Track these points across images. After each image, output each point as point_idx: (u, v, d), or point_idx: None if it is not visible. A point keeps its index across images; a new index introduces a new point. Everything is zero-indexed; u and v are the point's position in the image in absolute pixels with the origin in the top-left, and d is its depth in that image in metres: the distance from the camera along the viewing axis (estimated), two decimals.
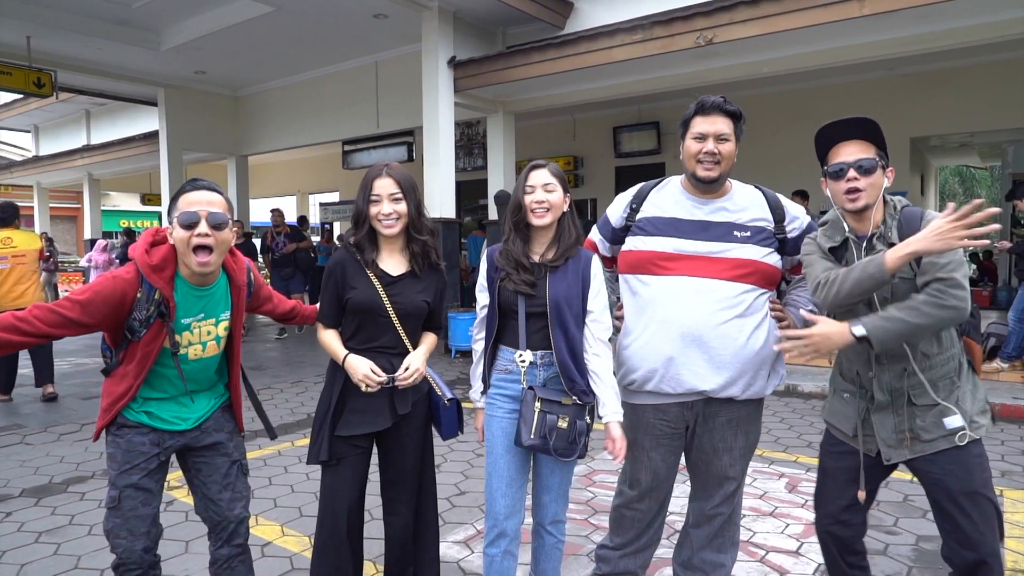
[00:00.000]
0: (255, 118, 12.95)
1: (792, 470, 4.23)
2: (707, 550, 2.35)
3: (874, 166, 2.01)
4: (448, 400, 2.38)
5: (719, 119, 2.19)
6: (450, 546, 3.21)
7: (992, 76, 9.13)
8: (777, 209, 2.27)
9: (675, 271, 2.19)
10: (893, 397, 2.04)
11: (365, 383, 2.18)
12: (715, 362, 2.15)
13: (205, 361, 2.16)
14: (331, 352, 2.29)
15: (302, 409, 5.93)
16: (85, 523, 3.54)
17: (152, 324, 2.01)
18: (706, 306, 2.15)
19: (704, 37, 6.72)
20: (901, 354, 2.01)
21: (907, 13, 5.92)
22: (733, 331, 2.14)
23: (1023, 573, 2.91)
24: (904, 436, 2.03)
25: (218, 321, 2.16)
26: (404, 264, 2.32)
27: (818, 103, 10.26)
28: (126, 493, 2.06)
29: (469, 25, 8.80)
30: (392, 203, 2.23)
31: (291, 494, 3.93)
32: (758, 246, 2.20)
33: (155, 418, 2.11)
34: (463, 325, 8.30)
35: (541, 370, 2.22)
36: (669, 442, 2.30)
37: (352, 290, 2.25)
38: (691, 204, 2.26)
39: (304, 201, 19.43)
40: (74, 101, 14.89)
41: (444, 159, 8.48)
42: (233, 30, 9.14)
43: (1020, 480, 4.01)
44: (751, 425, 2.29)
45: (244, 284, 2.21)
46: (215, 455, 2.21)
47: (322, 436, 2.27)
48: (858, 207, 2.02)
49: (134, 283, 1.98)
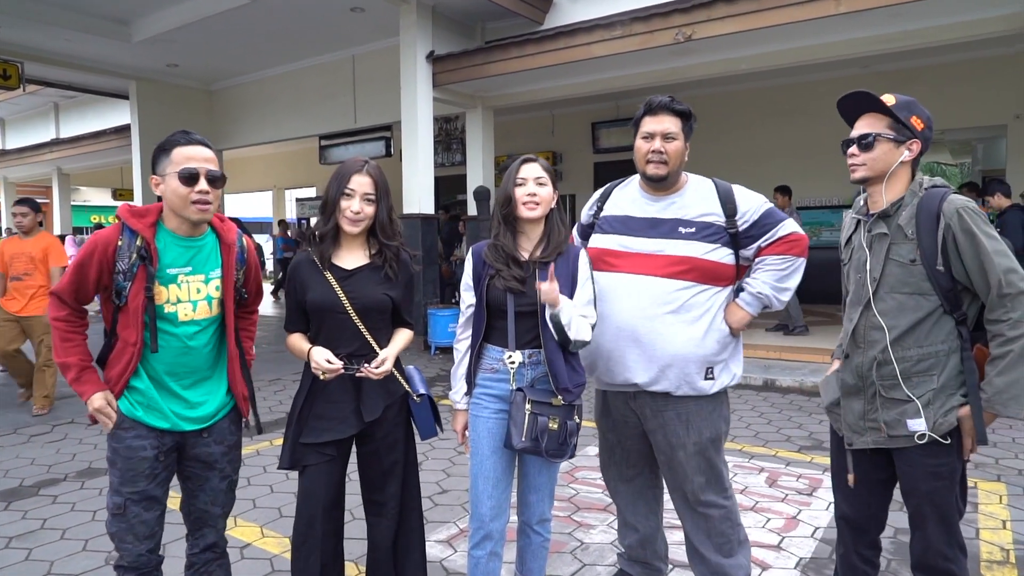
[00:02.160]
0: (230, 112, 12.76)
1: (772, 464, 4.27)
2: (716, 554, 2.33)
3: (872, 141, 1.99)
4: (418, 396, 2.31)
5: (666, 118, 2.25)
6: (432, 545, 3.18)
7: (962, 74, 9.30)
8: (728, 203, 2.28)
9: (619, 268, 2.29)
10: (863, 383, 2.03)
11: (320, 371, 2.11)
12: (646, 357, 2.23)
13: (199, 329, 2.06)
14: (297, 352, 2.24)
15: (280, 408, 5.86)
16: (58, 527, 3.46)
17: (136, 275, 1.96)
18: (640, 302, 2.23)
19: (683, 33, 6.75)
20: (878, 339, 1.98)
21: (881, 12, 6.02)
22: (663, 327, 2.21)
23: (998, 564, 2.96)
24: (871, 424, 2.02)
25: (208, 279, 2.09)
26: (362, 258, 2.26)
27: (794, 99, 10.38)
28: (132, 500, 2.01)
29: (448, 19, 8.75)
30: (363, 202, 2.18)
31: (270, 495, 3.88)
32: (701, 242, 2.24)
33: (153, 412, 2.01)
34: (443, 321, 8.27)
35: (529, 370, 2.19)
36: (623, 428, 2.44)
37: (308, 291, 2.20)
38: (645, 201, 2.34)
39: (280, 196, 19.19)
40: (42, 93, 14.54)
41: (422, 154, 8.42)
42: (207, 22, 8.98)
43: (992, 472, 4.09)
44: (703, 421, 2.30)
45: (234, 244, 2.15)
46: (209, 471, 2.14)
47: (289, 443, 2.23)
48: (854, 177, 2.06)
49: (115, 232, 1.99)
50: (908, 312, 1.96)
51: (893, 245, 1.99)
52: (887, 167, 2.00)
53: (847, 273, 2.15)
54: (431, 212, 8.63)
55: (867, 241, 2.05)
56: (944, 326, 1.96)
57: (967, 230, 1.89)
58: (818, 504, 3.62)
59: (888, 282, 1.99)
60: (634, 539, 2.59)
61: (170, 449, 2.07)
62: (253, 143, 13.11)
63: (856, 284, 2.08)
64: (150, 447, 2.02)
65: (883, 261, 2.00)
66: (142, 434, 2.02)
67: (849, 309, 2.11)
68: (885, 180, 2.01)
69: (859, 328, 2.04)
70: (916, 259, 1.94)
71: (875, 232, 2.03)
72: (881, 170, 2.01)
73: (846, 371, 2.08)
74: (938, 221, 1.92)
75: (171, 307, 2.03)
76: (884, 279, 1.99)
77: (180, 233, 2.05)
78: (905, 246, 1.97)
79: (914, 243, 1.95)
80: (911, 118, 2.00)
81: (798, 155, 10.38)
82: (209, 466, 2.13)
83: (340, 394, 2.21)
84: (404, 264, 2.31)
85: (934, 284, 1.93)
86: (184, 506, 2.19)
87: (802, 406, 5.75)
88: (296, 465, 2.21)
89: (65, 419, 5.54)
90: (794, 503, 3.65)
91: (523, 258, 2.21)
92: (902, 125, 1.99)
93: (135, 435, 2.01)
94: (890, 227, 2.00)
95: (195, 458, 2.12)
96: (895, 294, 1.98)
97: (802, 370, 6.59)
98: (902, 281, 1.97)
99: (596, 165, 12.57)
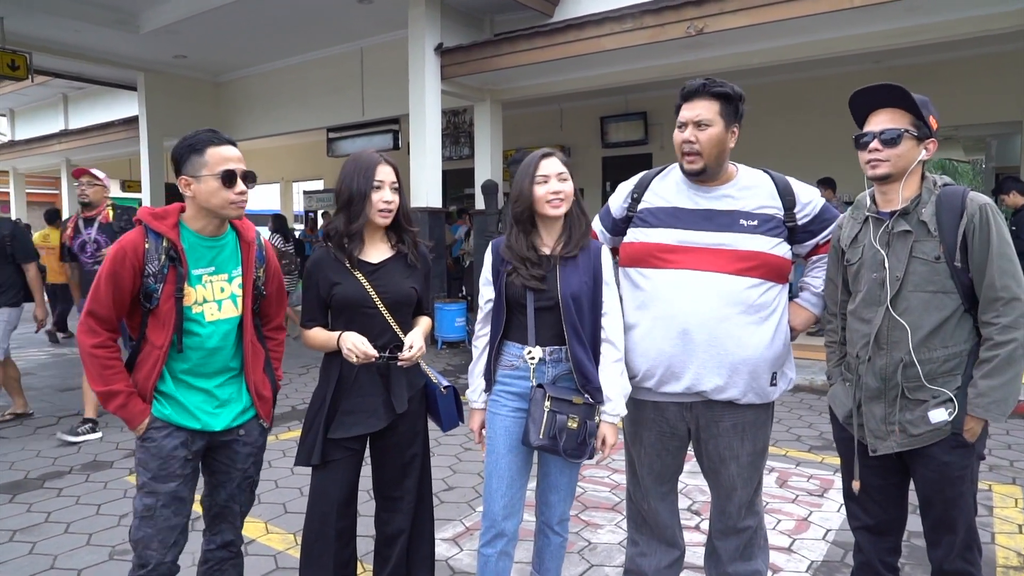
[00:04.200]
0: (237, 104, 12.72)
1: (782, 464, 4.22)
2: (738, 562, 2.24)
3: (897, 137, 1.94)
4: (444, 388, 2.31)
5: (700, 104, 2.05)
6: (438, 543, 3.15)
7: (977, 70, 9.17)
8: (787, 195, 2.13)
9: (677, 264, 2.07)
10: (886, 386, 1.99)
11: (355, 354, 2.08)
12: (715, 362, 2.03)
13: (223, 327, 2.05)
14: (322, 343, 2.20)
15: (286, 402, 5.83)
16: (62, 520, 3.45)
17: (167, 276, 1.95)
18: (708, 302, 2.02)
19: (694, 27, 6.67)
20: (901, 340, 1.94)
21: (896, 6, 5.93)
22: (736, 329, 2.02)
23: (1015, 570, 2.90)
24: (893, 427, 1.98)
25: (231, 278, 2.08)
26: (386, 250, 2.25)
27: (805, 95, 10.26)
28: (163, 502, 1.97)
29: (456, 11, 8.68)
30: (392, 192, 2.18)
31: (275, 490, 3.85)
32: (765, 236, 2.06)
33: (182, 411, 2.00)
34: (449, 316, 8.23)
35: (550, 367, 2.14)
36: (669, 442, 2.21)
37: (335, 286, 2.17)
38: (693, 192, 2.13)
39: (288, 189, 19.18)
40: (51, 85, 14.53)
41: (430, 148, 8.37)
42: (214, 13, 8.92)
43: (1007, 475, 4.02)
44: (758, 431, 2.16)
45: (253, 242, 2.14)
46: (234, 469, 2.13)
47: (313, 438, 2.18)
48: (877, 174, 1.97)
49: (139, 236, 1.97)
50: (933, 311, 1.93)
51: (917, 243, 1.95)
52: (909, 164, 1.96)
53: (856, 273, 2.08)
54: (439, 206, 8.58)
55: (883, 240, 1.99)
56: (965, 325, 1.95)
57: (984, 225, 1.89)
58: (829, 506, 3.57)
59: (912, 280, 1.94)
60: (670, 559, 2.32)
61: (199, 450, 2.05)
62: (260, 135, 13.06)
63: (872, 284, 2.01)
64: (182, 446, 2.00)
65: (907, 259, 1.95)
66: (173, 433, 2.00)
67: (863, 311, 2.05)
68: (904, 178, 1.97)
69: (881, 330, 1.99)
70: (940, 256, 1.91)
71: (897, 230, 1.97)
72: (903, 167, 1.97)
73: (868, 375, 2.02)
74: (961, 216, 1.90)
75: (198, 307, 2.02)
76: (908, 277, 1.94)
77: (205, 234, 2.04)
78: (929, 243, 1.93)
79: (937, 239, 1.92)
80: (929, 117, 1.97)
81: (810, 151, 10.27)
82: (234, 462, 2.12)
83: (370, 387, 2.19)
84: (423, 254, 2.31)
85: (956, 282, 1.92)
86: (205, 500, 2.17)
87: (812, 405, 5.69)
88: (322, 461, 2.17)
89: (71, 410, 5.53)
90: (805, 504, 3.60)
91: (544, 253, 2.15)
92: (923, 123, 1.96)
93: (167, 434, 1.99)
94: (912, 223, 1.95)
95: (223, 452, 2.11)
96: (920, 292, 1.94)
97: (812, 368, 6.52)
98: (927, 279, 1.93)
99: (605, 159, 12.48)
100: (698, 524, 3.33)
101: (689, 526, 3.22)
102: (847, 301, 2.13)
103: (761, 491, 2.28)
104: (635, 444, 2.26)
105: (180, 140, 2.00)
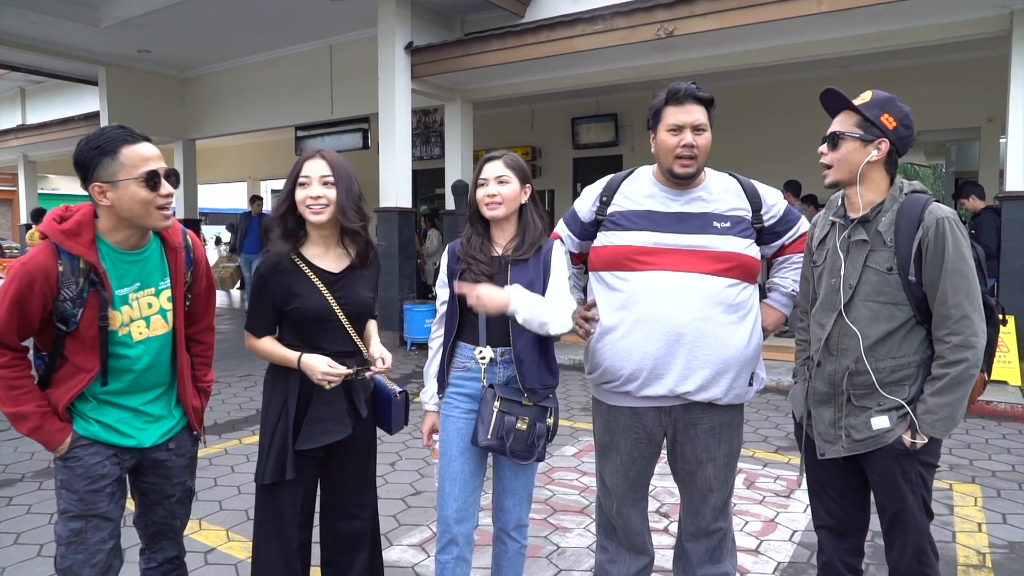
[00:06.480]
0: (203, 101, 12.47)
1: (749, 465, 4.24)
2: (707, 564, 2.22)
3: (835, 139, 1.94)
4: (399, 394, 2.27)
5: (694, 107, 2.02)
6: (405, 550, 3.10)
7: (938, 77, 9.38)
8: (754, 197, 2.15)
9: (655, 266, 2.05)
10: (835, 391, 1.99)
11: (327, 380, 2.01)
12: (700, 362, 2.01)
13: (154, 345, 1.89)
14: (277, 358, 2.11)
15: (251, 404, 5.72)
16: (12, 531, 3.31)
17: (87, 301, 1.75)
18: (692, 302, 2.01)
19: (664, 29, 6.71)
20: (851, 347, 1.94)
21: (861, 12, 6.05)
22: (718, 329, 2.01)
23: (975, 569, 2.95)
24: (840, 432, 1.99)
25: (158, 291, 1.90)
26: (344, 257, 2.16)
27: (773, 99, 10.40)
28: (92, 524, 1.81)
29: (427, 10, 8.62)
30: (322, 187, 2.05)
31: (237, 496, 3.76)
32: (738, 237, 2.07)
33: (110, 430, 1.85)
34: (419, 317, 8.16)
35: (501, 367, 2.13)
36: (645, 448, 2.17)
37: (296, 298, 2.06)
38: (665, 196, 2.12)
39: (255, 188, 18.89)
40: (7, 78, 14.11)
41: (400, 147, 8.30)
42: (180, 7, 8.72)
43: (967, 473, 4.10)
44: (734, 432, 2.16)
45: (180, 246, 1.95)
46: (169, 483, 1.99)
47: (281, 451, 2.06)
48: (826, 184, 1.99)
49: (50, 257, 1.72)
50: (881, 322, 1.92)
51: (872, 252, 1.94)
52: (854, 167, 1.95)
53: (819, 276, 2.09)
54: (408, 206, 8.51)
55: (844, 246, 2.00)
56: (916, 337, 1.93)
57: (940, 239, 1.85)
58: (796, 507, 3.59)
59: (864, 290, 1.94)
60: (640, 565, 2.29)
61: (126, 466, 1.92)
62: (227, 132, 12.85)
63: (829, 289, 2.02)
64: (111, 464, 1.85)
65: (860, 268, 1.95)
66: (100, 451, 1.84)
67: (820, 314, 2.06)
68: (859, 182, 1.96)
69: (832, 336, 2.00)
70: (893, 267, 1.91)
71: (854, 239, 1.97)
72: (849, 171, 1.96)
73: (818, 379, 2.04)
74: (917, 228, 1.88)
75: (124, 329, 1.84)
76: (860, 287, 1.95)
77: (126, 247, 1.83)
78: (883, 253, 1.92)
79: (892, 250, 1.91)
80: (881, 116, 1.93)
81: (776, 155, 10.40)
82: (169, 479, 1.99)
83: (333, 393, 2.11)
84: (375, 257, 2.25)
85: (908, 294, 1.90)
86: (139, 520, 2.05)
87: (779, 406, 5.75)
88: (290, 474, 2.07)
89: None
90: (772, 505, 3.63)
91: (496, 254, 2.14)
92: (870, 123, 1.93)
93: (93, 452, 1.83)
94: (869, 233, 1.95)
95: (155, 471, 1.97)
96: (869, 303, 1.94)
97: (779, 369, 6.59)
98: (878, 290, 1.93)
99: (575, 160, 12.50)
100: (667, 527, 3.32)
101: (658, 528, 3.21)
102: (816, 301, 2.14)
103: (731, 499, 2.27)
104: (609, 452, 2.21)
105: (83, 142, 1.75)
